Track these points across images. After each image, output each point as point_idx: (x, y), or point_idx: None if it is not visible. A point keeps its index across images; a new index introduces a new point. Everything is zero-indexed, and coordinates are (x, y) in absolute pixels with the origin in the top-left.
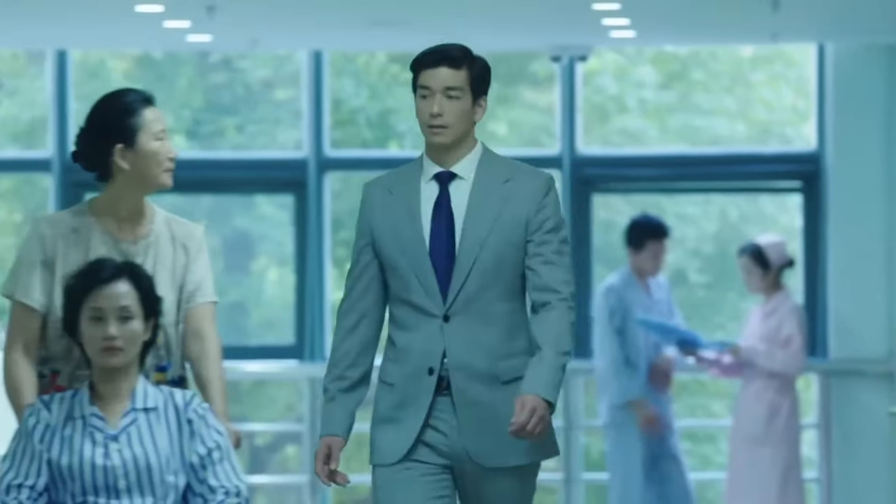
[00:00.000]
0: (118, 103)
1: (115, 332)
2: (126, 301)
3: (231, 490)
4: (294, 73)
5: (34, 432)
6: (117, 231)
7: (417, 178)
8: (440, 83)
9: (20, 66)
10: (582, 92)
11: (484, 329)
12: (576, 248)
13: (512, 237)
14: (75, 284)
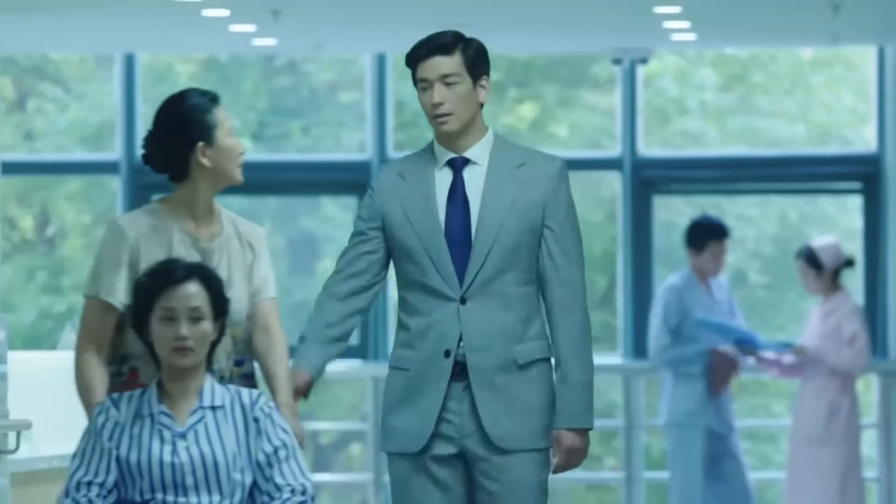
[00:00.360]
0: (192, 103)
1: (186, 332)
2: (197, 302)
3: (297, 488)
4: (358, 76)
5: (103, 430)
6: (194, 230)
7: (430, 164)
8: (436, 72)
9: (88, 70)
10: (642, 94)
11: (500, 313)
12: (636, 250)
13: (529, 221)
14: (147, 283)
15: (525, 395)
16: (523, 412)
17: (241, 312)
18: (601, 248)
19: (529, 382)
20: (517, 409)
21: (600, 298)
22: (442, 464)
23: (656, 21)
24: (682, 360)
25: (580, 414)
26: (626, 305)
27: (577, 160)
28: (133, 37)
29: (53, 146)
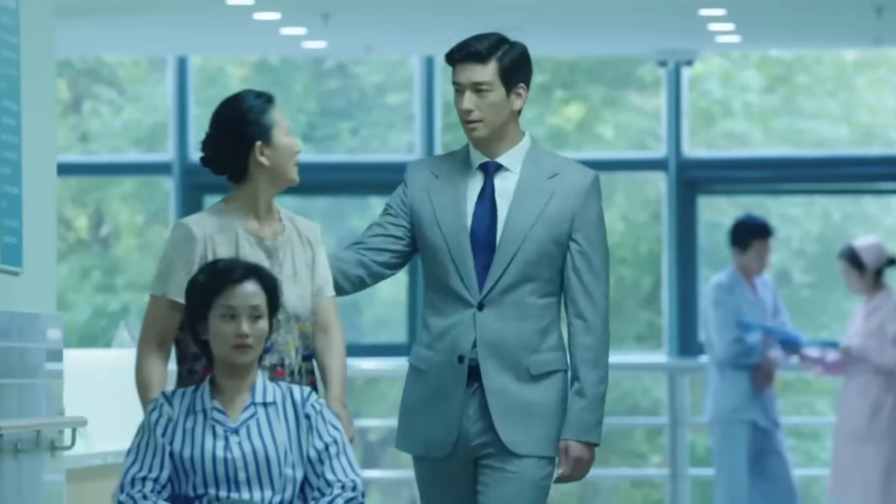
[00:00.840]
0: (249, 104)
1: (247, 330)
2: (257, 301)
3: (347, 484)
4: (406, 78)
5: (157, 426)
6: (258, 229)
7: (464, 166)
8: (468, 79)
9: (142, 72)
10: (687, 96)
11: (517, 322)
12: (681, 249)
13: (556, 232)
14: (206, 282)
15: (537, 402)
16: (534, 419)
17: (308, 309)
18: (646, 248)
19: (542, 391)
20: (528, 415)
21: (645, 298)
22: (462, 468)
23: (701, 23)
24: (751, 350)
25: (590, 427)
26: (671, 304)
27: (623, 161)
28: (186, 40)
29: (108, 147)
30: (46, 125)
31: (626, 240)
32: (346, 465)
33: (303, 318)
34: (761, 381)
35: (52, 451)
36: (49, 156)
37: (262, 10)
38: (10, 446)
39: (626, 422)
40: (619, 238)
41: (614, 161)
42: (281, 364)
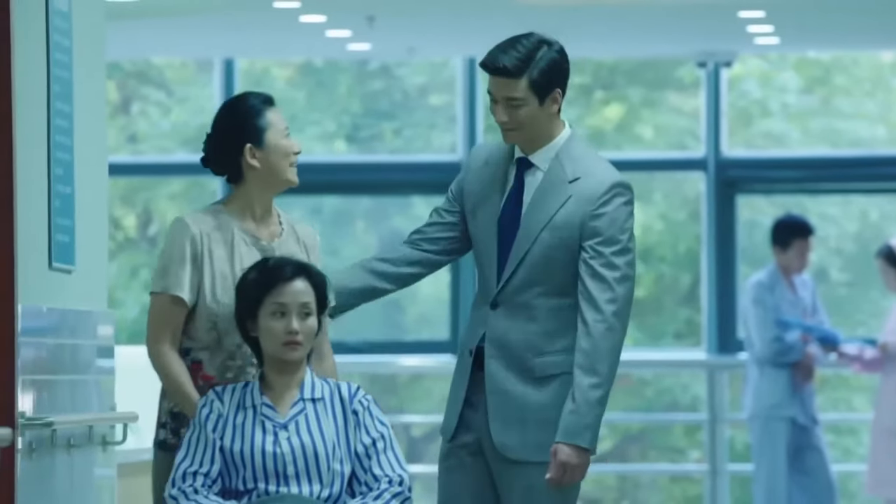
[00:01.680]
0: (244, 106)
1: (297, 326)
2: (306, 298)
3: (394, 479)
4: (449, 80)
5: (207, 422)
6: (255, 230)
7: (508, 158)
8: (500, 93)
9: (189, 74)
10: (726, 96)
11: (525, 323)
12: (720, 248)
13: (563, 238)
14: (257, 279)
15: (536, 405)
16: (534, 423)
17: None
18: (685, 247)
19: (543, 394)
20: (528, 419)
21: (684, 296)
22: (467, 450)
23: (740, 25)
24: (790, 348)
25: (579, 430)
26: (710, 302)
27: (662, 161)
28: (233, 42)
29: (156, 148)
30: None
31: (665, 238)
32: (393, 460)
33: None
34: (800, 378)
35: (104, 446)
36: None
37: (307, 13)
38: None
39: (665, 418)
40: (657, 237)
41: (654, 161)
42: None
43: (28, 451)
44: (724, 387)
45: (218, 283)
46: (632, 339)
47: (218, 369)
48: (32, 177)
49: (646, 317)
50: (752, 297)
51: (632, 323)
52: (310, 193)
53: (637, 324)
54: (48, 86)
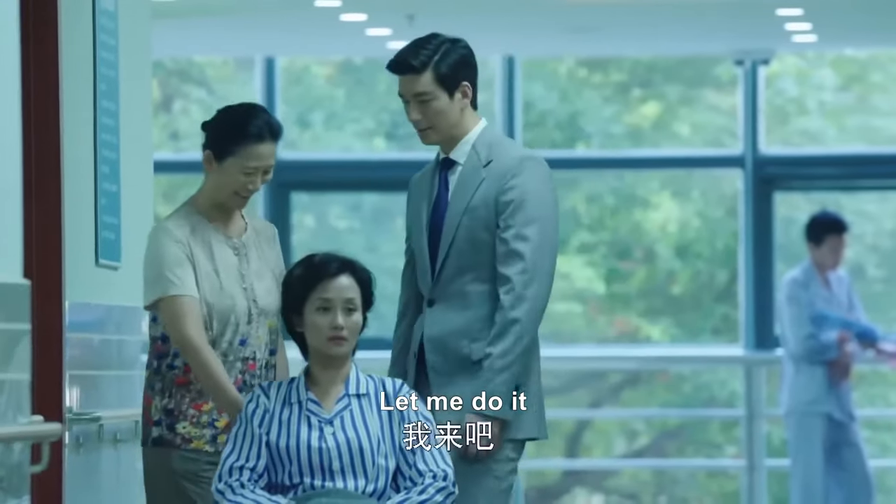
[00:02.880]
0: (239, 121)
1: (342, 322)
2: (352, 294)
3: (439, 474)
4: (488, 78)
5: (253, 417)
6: (225, 228)
7: (434, 166)
8: (408, 90)
9: (230, 72)
10: (764, 94)
11: (459, 312)
12: (757, 245)
13: (482, 219)
14: (303, 276)
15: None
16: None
17: (275, 305)
18: (722, 244)
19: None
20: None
21: (721, 292)
22: None
23: (778, 23)
24: (825, 347)
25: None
26: (747, 298)
27: (700, 158)
28: (273, 41)
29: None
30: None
31: (702, 235)
32: (437, 455)
33: (270, 314)
34: (837, 375)
35: None
36: (145, 154)
37: (348, 12)
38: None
39: (702, 414)
40: (695, 234)
41: (692, 158)
42: (253, 357)
43: (75, 445)
44: (762, 382)
45: (206, 284)
46: (669, 335)
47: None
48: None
49: (683, 313)
50: (786, 294)
51: (669, 319)
52: (349, 190)
53: (674, 320)
54: (94, 84)
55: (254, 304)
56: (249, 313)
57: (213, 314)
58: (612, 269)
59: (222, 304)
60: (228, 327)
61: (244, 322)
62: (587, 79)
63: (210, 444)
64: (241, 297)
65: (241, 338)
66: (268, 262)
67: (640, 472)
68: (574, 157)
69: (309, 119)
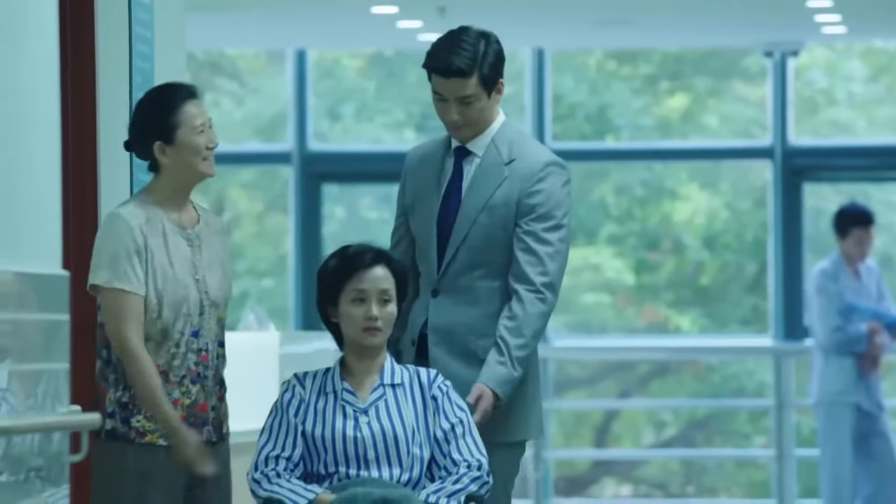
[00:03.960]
0: (158, 101)
1: (376, 312)
2: (386, 285)
3: (473, 463)
4: (518, 70)
5: (289, 406)
6: (178, 219)
7: (444, 151)
8: (453, 93)
9: (261, 65)
10: (793, 85)
11: (466, 307)
12: (787, 236)
13: (501, 219)
14: (337, 267)
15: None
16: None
17: (226, 297)
18: (751, 235)
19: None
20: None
21: (750, 283)
22: None
23: (808, 15)
24: (854, 339)
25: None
26: (776, 289)
27: (729, 149)
28: (305, 33)
29: (228, 138)
30: None
31: (731, 226)
32: (472, 445)
33: (221, 306)
34: (867, 366)
35: None
36: None
37: (379, 4)
38: None
39: (731, 404)
40: (723, 225)
41: (721, 150)
42: (206, 349)
43: None
44: (791, 373)
45: (158, 274)
46: (698, 325)
47: (165, 359)
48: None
49: (711, 304)
50: (815, 286)
51: (698, 310)
52: (380, 182)
53: (703, 311)
54: (130, 77)
55: (205, 296)
56: (201, 304)
57: (165, 304)
58: (641, 260)
59: (176, 295)
60: (180, 318)
61: (196, 313)
62: (616, 71)
63: (164, 437)
64: (194, 288)
65: (193, 329)
66: (217, 254)
67: (668, 462)
68: (603, 149)
69: (339, 111)
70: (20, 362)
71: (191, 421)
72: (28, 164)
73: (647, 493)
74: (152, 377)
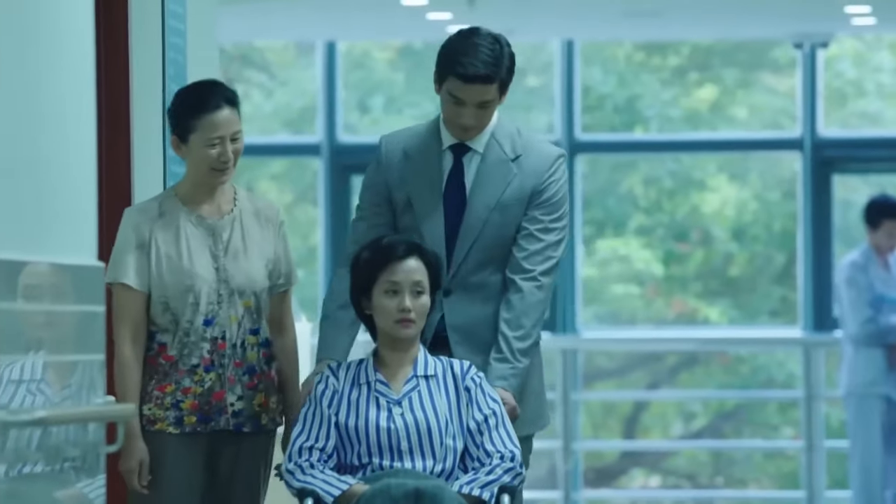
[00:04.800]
0: (187, 97)
1: (409, 304)
2: (419, 276)
3: (506, 455)
4: (547, 61)
5: (323, 398)
6: (199, 208)
7: (435, 146)
8: (476, 98)
9: (291, 57)
10: (822, 77)
11: (483, 304)
12: (816, 227)
13: (514, 216)
14: (370, 259)
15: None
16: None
17: (255, 284)
18: (779, 226)
19: None
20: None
21: (778, 274)
22: None
23: (838, 6)
24: (885, 331)
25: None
26: (805, 281)
27: (758, 141)
28: (334, 25)
29: (258, 129)
30: None
31: (759, 217)
32: (504, 436)
33: (247, 293)
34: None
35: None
36: None
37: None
38: None
39: (761, 395)
40: (752, 216)
41: (749, 141)
42: (222, 337)
43: None
44: (821, 364)
45: (164, 265)
46: (727, 316)
47: (177, 348)
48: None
49: (740, 295)
50: (845, 277)
51: (726, 300)
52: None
53: (732, 302)
54: (163, 69)
55: (224, 285)
56: (218, 293)
57: (169, 294)
58: (670, 252)
59: (180, 285)
60: (187, 307)
61: (211, 301)
62: (645, 63)
63: (174, 426)
64: (209, 276)
65: (205, 318)
66: (256, 242)
67: (697, 453)
68: (632, 141)
69: (369, 103)
70: (55, 353)
71: (204, 409)
72: (64, 156)
73: (676, 484)
74: (127, 379)
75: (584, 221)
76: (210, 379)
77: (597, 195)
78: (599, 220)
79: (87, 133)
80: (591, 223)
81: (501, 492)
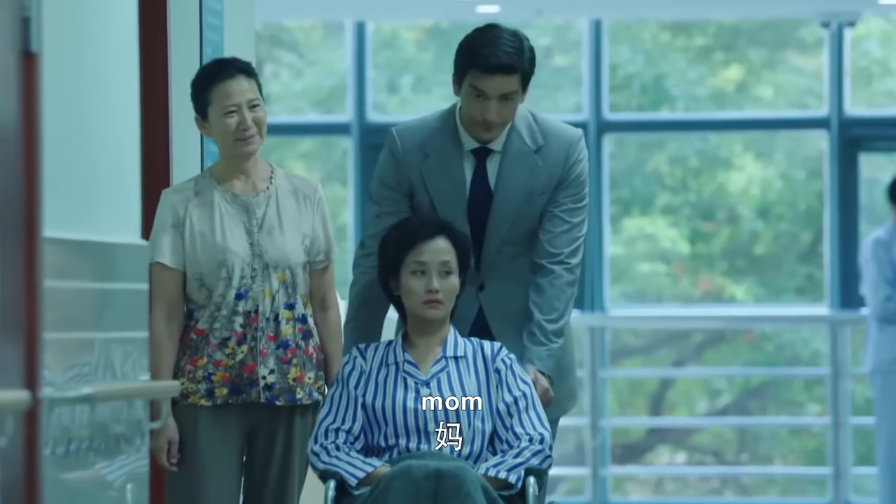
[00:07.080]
0: (201, 75)
1: (437, 285)
2: (447, 256)
3: (535, 437)
4: (575, 41)
5: (349, 378)
6: (233, 186)
7: (455, 147)
8: (500, 90)
9: (320, 37)
10: (849, 56)
11: (518, 288)
12: (842, 205)
13: (541, 206)
14: (398, 239)
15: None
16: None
17: (289, 259)
18: (805, 205)
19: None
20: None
21: (804, 253)
22: None
23: None
24: None
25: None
26: (832, 259)
27: (785, 120)
28: (363, 5)
29: (288, 109)
30: None
31: (785, 196)
32: (534, 418)
33: (282, 267)
34: None
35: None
36: None
37: None
38: None
39: (786, 372)
40: (777, 195)
41: (776, 120)
42: (255, 311)
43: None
44: (847, 341)
45: (198, 242)
46: (752, 294)
47: (208, 321)
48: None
49: (765, 273)
50: (868, 254)
51: (752, 278)
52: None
53: (757, 280)
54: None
55: (258, 259)
56: (252, 267)
57: (203, 270)
58: (696, 230)
59: (213, 261)
60: (220, 282)
61: (245, 276)
62: (671, 42)
63: (206, 398)
64: (241, 252)
65: (237, 292)
66: (292, 218)
67: (723, 430)
68: (659, 120)
69: (397, 83)
70: (100, 331)
71: (236, 382)
72: (109, 136)
73: (702, 461)
74: (160, 356)
75: (611, 200)
76: (242, 352)
77: (624, 174)
78: (626, 199)
79: (132, 113)
80: (617, 202)
81: (528, 474)
